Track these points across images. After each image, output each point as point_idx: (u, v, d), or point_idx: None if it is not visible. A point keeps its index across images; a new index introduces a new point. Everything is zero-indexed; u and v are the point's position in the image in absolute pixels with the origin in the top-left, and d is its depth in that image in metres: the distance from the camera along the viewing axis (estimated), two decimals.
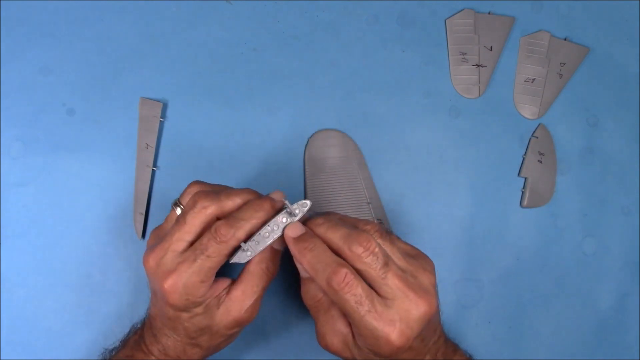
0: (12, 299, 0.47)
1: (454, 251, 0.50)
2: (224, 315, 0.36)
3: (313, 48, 0.51)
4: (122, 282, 0.47)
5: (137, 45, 0.50)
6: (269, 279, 0.37)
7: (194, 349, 0.37)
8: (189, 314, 0.36)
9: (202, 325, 0.36)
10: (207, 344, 0.37)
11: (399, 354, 0.34)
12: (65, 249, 0.47)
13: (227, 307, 0.36)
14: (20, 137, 0.48)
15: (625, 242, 0.52)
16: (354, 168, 0.49)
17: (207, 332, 0.37)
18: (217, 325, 0.36)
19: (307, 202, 0.37)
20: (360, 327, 0.33)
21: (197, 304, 0.36)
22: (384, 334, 0.33)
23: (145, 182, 0.48)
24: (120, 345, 0.41)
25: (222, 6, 0.51)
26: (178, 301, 0.35)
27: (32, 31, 0.49)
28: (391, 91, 0.52)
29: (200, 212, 0.36)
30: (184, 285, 0.35)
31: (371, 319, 0.33)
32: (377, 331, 0.33)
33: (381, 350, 0.33)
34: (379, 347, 0.33)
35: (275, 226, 0.36)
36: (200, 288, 0.35)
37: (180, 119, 0.50)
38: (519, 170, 0.52)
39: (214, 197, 0.36)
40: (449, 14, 0.53)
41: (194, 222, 0.36)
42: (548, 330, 0.51)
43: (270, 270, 0.37)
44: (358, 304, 0.33)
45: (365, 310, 0.33)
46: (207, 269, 0.35)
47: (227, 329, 0.37)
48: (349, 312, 0.33)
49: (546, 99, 0.53)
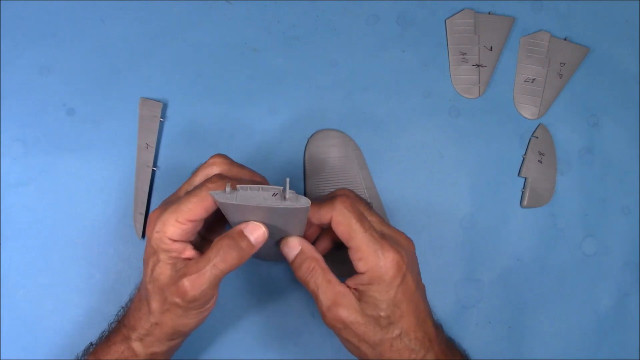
0: (12, 299, 0.47)
1: (454, 251, 0.50)
2: (174, 278, 0.36)
3: (313, 48, 0.51)
4: (122, 282, 0.47)
5: (137, 45, 0.50)
6: (227, 262, 0.35)
7: (145, 306, 0.37)
8: (154, 256, 0.36)
9: (156, 275, 0.36)
10: (154, 306, 0.36)
11: (397, 280, 0.36)
12: (65, 249, 0.47)
13: (180, 271, 0.36)
14: (20, 137, 0.48)
15: (625, 242, 0.52)
16: (354, 168, 0.49)
17: (157, 286, 0.36)
18: (166, 285, 0.36)
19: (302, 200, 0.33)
20: (363, 248, 0.35)
21: (163, 248, 0.36)
22: (383, 252, 0.36)
23: (145, 182, 0.48)
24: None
25: (222, 6, 0.51)
26: (150, 232, 0.36)
27: (32, 31, 0.49)
28: (391, 91, 0.52)
29: (210, 168, 0.38)
30: (161, 219, 0.35)
31: (372, 237, 0.36)
32: (377, 249, 0.35)
33: (381, 275, 0.35)
34: (379, 269, 0.35)
35: (263, 196, 0.33)
36: (171, 227, 0.35)
37: (180, 119, 0.50)
38: (519, 170, 0.52)
39: (228, 161, 0.39)
40: (449, 14, 0.53)
41: (201, 175, 0.38)
42: (548, 330, 0.51)
43: (231, 254, 0.35)
44: (361, 219, 0.36)
45: (367, 227, 0.36)
46: (185, 209, 0.35)
47: (171, 294, 0.36)
48: (352, 229, 0.36)
49: (546, 99, 0.53)
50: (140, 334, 0.37)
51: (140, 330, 0.37)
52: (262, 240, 0.36)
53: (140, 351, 0.38)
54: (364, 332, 0.36)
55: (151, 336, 0.37)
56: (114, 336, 0.39)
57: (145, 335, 0.37)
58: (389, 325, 0.36)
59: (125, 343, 0.38)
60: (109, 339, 0.39)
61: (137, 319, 0.38)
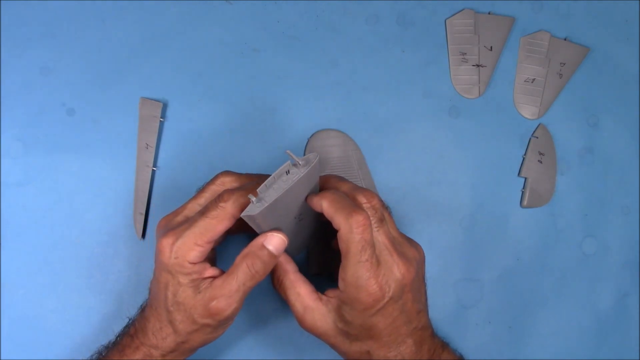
0: (12, 299, 0.47)
1: (454, 251, 0.50)
2: (201, 299, 0.36)
3: (313, 48, 0.51)
4: (122, 282, 0.47)
5: (137, 45, 0.50)
6: (253, 277, 0.37)
7: (168, 328, 0.37)
8: (174, 280, 0.36)
9: (180, 299, 0.36)
10: (181, 327, 0.37)
11: (371, 310, 0.35)
12: (65, 249, 0.47)
13: (206, 292, 0.36)
14: (20, 137, 0.48)
15: (625, 242, 0.52)
16: (354, 168, 0.49)
17: (182, 309, 0.36)
18: (193, 307, 0.36)
19: (311, 156, 0.34)
20: (349, 273, 0.35)
21: (184, 272, 0.36)
22: (366, 285, 0.35)
23: (145, 182, 0.48)
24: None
25: (222, 6, 0.51)
26: (167, 259, 0.36)
27: (32, 31, 0.49)
28: (391, 91, 0.52)
29: (218, 185, 0.38)
30: (177, 244, 0.35)
31: (363, 268, 0.34)
32: (362, 280, 0.34)
33: (357, 302, 0.35)
34: (357, 297, 0.35)
35: (281, 178, 0.34)
36: (191, 251, 0.35)
37: (180, 119, 0.50)
38: (519, 170, 0.52)
39: (235, 175, 0.39)
40: (449, 14, 0.53)
41: (210, 192, 0.38)
42: (548, 330, 0.51)
43: (255, 269, 0.36)
44: (362, 250, 0.34)
45: (364, 259, 0.34)
46: (203, 231, 0.35)
47: (200, 316, 0.36)
48: (350, 254, 0.34)
49: (546, 99, 0.53)
50: (164, 351, 0.38)
51: (164, 349, 0.38)
52: (282, 248, 0.37)
53: None
54: (334, 343, 0.38)
55: (176, 352, 0.38)
56: (130, 352, 0.38)
57: (170, 352, 0.38)
58: (357, 341, 0.37)
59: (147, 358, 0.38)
60: (124, 353, 0.38)
61: (160, 339, 0.38)
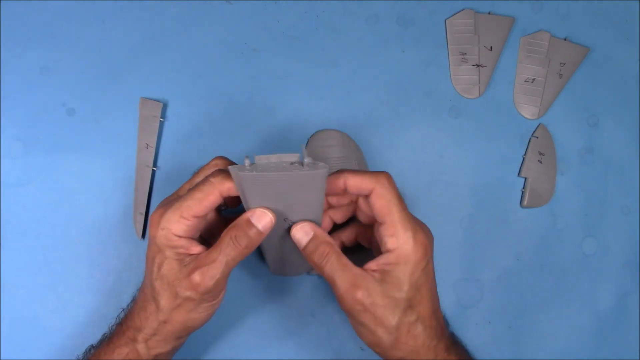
0: (12, 299, 0.47)
1: (454, 251, 0.50)
2: (185, 271, 0.36)
3: (313, 48, 0.51)
4: (122, 282, 0.47)
5: (137, 45, 0.50)
6: (236, 249, 0.36)
7: (152, 305, 0.37)
8: (160, 253, 0.36)
9: (164, 271, 0.36)
10: (163, 303, 0.37)
11: (422, 264, 0.36)
12: (65, 249, 0.47)
13: (190, 265, 0.36)
14: (20, 137, 0.48)
15: (625, 242, 0.52)
16: (354, 168, 0.49)
17: (166, 282, 0.36)
18: (176, 279, 0.36)
19: (320, 164, 0.33)
20: (398, 227, 0.36)
21: (170, 245, 0.36)
22: (414, 236, 0.36)
23: (145, 182, 0.48)
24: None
25: (222, 6, 0.51)
26: (155, 230, 0.36)
27: (32, 31, 0.49)
28: (391, 91, 0.52)
29: (211, 167, 0.39)
30: (165, 216, 0.36)
31: (408, 218, 0.36)
32: (410, 232, 0.36)
33: (410, 256, 0.36)
34: (409, 251, 0.35)
35: (282, 164, 0.33)
36: (177, 224, 0.36)
37: (180, 119, 0.50)
38: (519, 170, 0.52)
39: (229, 162, 0.39)
40: (449, 14, 0.53)
41: (203, 173, 0.39)
42: (548, 330, 0.51)
43: (240, 242, 0.36)
44: (400, 201, 0.36)
45: (405, 211, 0.36)
46: (190, 204, 0.36)
47: (183, 289, 0.36)
48: (394, 208, 0.36)
49: (546, 99, 0.53)
50: (146, 334, 0.38)
51: (147, 330, 0.37)
52: (269, 227, 0.36)
53: (145, 352, 0.38)
54: (382, 315, 0.36)
55: (158, 336, 0.38)
56: (116, 339, 0.39)
57: (152, 335, 0.38)
58: (407, 309, 0.36)
59: (130, 345, 0.38)
60: (111, 341, 0.39)
61: (144, 318, 0.38)
